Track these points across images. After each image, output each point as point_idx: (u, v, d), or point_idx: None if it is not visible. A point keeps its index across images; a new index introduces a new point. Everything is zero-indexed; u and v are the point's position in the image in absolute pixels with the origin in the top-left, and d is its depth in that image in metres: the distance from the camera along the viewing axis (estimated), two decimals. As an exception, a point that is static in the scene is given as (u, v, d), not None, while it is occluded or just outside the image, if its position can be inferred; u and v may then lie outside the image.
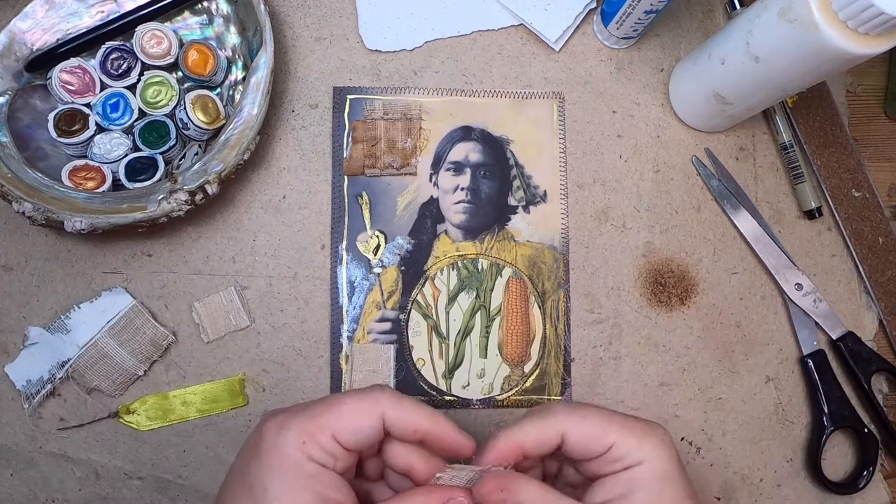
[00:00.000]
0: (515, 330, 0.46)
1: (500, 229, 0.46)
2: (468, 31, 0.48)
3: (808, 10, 0.33)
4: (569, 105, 0.48)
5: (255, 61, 0.42)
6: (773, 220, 0.49)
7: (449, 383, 0.45)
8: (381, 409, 0.30)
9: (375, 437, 0.31)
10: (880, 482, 0.47)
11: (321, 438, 0.29)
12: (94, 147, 0.42)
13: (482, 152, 0.47)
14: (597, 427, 0.31)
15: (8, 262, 0.43)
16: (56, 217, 0.39)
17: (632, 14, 0.44)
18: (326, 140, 0.46)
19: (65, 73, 0.42)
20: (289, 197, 0.45)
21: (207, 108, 0.43)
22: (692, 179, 0.49)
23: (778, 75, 0.39)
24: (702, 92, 0.45)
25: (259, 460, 0.29)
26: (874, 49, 0.33)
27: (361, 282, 0.45)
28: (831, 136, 0.50)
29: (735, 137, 0.49)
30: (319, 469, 0.29)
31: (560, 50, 0.49)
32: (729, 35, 0.41)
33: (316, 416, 0.30)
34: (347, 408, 0.30)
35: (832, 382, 0.47)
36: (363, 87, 0.47)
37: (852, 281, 0.49)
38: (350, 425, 0.30)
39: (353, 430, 0.30)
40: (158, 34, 0.43)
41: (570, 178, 0.48)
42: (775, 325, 0.48)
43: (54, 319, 0.43)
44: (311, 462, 0.29)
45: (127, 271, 0.44)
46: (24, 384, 0.42)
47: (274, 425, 0.30)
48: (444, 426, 0.31)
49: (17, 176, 0.39)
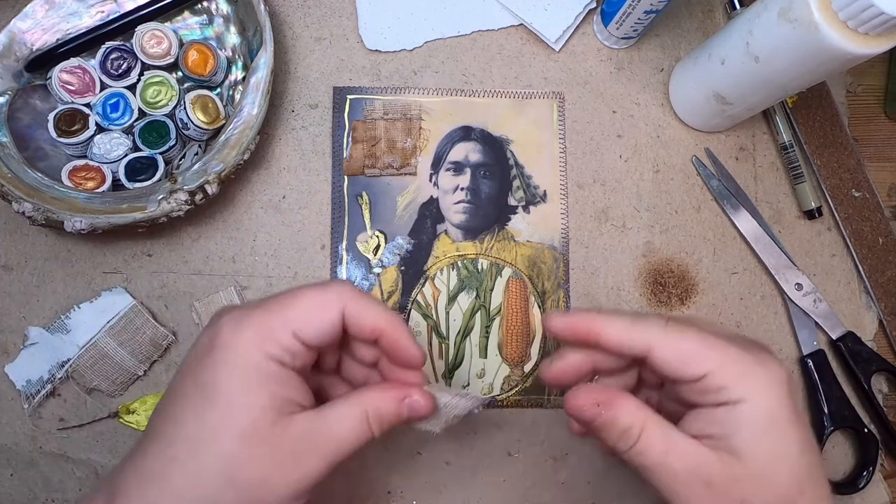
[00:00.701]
0: (515, 330, 0.46)
1: (500, 229, 0.46)
2: (468, 31, 0.48)
3: (808, 10, 0.33)
4: (569, 105, 0.48)
5: (255, 61, 0.42)
6: (773, 220, 0.49)
7: (449, 383, 0.45)
8: (342, 303, 0.29)
9: (335, 333, 0.29)
10: (880, 482, 0.47)
11: (280, 336, 0.28)
12: (94, 147, 0.42)
13: (482, 152, 0.47)
14: (692, 350, 0.28)
15: (8, 262, 0.43)
16: (56, 217, 0.39)
17: (632, 14, 0.44)
18: (326, 140, 0.46)
19: (65, 73, 0.42)
20: (289, 197, 0.45)
21: (207, 108, 0.43)
22: (692, 179, 0.49)
23: (778, 75, 0.39)
24: (702, 92, 0.45)
25: (213, 358, 0.27)
26: (874, 49, 0.33)
27: (361, 282, 0.45)
28: (831, 136, 0.50)
29: (735, 137, 0.49)
30: (277, 368, 0.27)
31: (560, 50, 0.49)
32: (729, 35, 0.41)
33: (275, 313, 0.28)
34: (307, 302, 0.29)
35: (832, 382, 0.47)
36: (363, 87, 0.47)
37: (852, 281, 0.49)
38: (310, 321, 0.28)
39: (314, 326, 0.28)
40: (158, 34, 0.43)
41: (570, 178, 0.48)
42: (775, 325, 0.48)
43: (54, 319, 0.43)
44: (270, 361, 0.27)
45: (127, 271, 0.44)
46: (24, 384, 0.42)
47: (230, 322, 0.28)
48: (402, 330, 0.30)
49: (17, 176, 0.39)
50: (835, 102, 0.50)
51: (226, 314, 0.29)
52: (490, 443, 0.45)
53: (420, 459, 0.44)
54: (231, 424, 0.27)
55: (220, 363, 0.27)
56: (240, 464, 0.26)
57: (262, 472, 0.27)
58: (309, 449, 0.28)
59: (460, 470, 0.44)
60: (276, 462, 0.27)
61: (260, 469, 0.27)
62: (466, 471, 0.44)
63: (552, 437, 0.45)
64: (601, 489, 0.45)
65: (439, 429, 0.32)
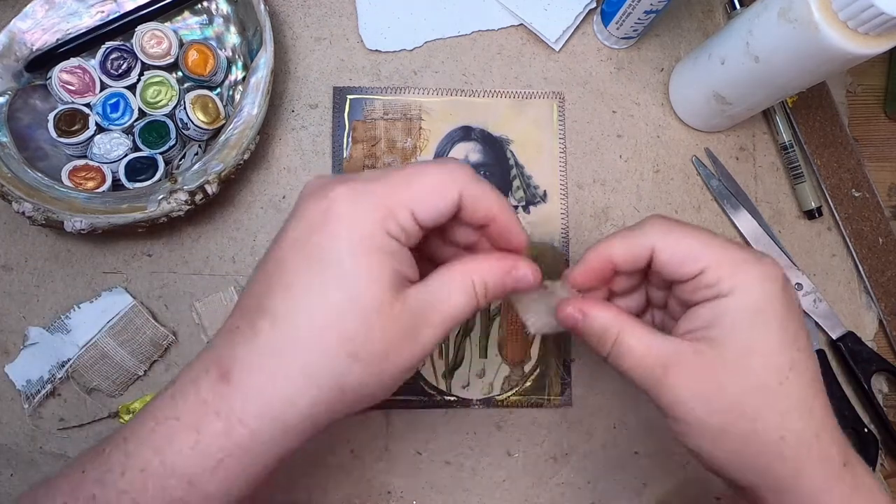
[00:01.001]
0: (515, 330, 0.46)
1: (500, 229, 0.46)
2: (468, 31, 0.48)
3: (808, 10, 0.33)
4: (569, 105, 0.48)
5: (255, 61, 0.42)
6: (773, 220, 0.49)
7: (449, 383, 0.45)
8: (460, 186, 0.28)
9: (449, 215, 0.28)
10: (880, 482, 0.47)
11: (399, 214, 0.27)
12: (94, 147, 0.42)
13: (482, 152, 0.47)
14: (690, 247, 0.29)
15: (8, 262, 0.43)
16: (56, 217, 0.39)
17: (632, 14, 0.44)
18: (326, 140, 0.46)
19: (65, 73, 0.42)
20: (289, 197, 0.45)
21: (207, 108, 0.43)
22: (692, 179, 0.49)
23: (778, 75, 0.39)
24: (702, 92, 0.45)
25: (329, 231, 0.26)
26: (874, 49, 0.33)
27: (361, 282, 0.45)
28: (831, 136, 0.50)
29: (735, 137, 0.49)
30: (395, 245, 0.27)
31: (560, 50, 0.49)
32: (729, 35, 0.41)
33: (396, 190, 0.27)
34: (428, 183, 0.28)
35: (832, 382, 0.47)
36: (363, 87, 0.47)
37: (852, 281, 0.49)
38: (428, 202, 0.27)
39: (432, 207, 0.28)
40: (158, 34, 0.44)
41: (570, 178, 0.48)
42: (775, 325, 0.48)
43: (54, 319, 0.43)
44: (388, 237, 0.27)
45: (127, 271, 0.44)
46: (24, 384, 0.42)
47: (348, 193, 0.27)
48: (512, 216, 0.30)
49: (17, 176, 0.39)
50: (835, 102, 0.50)
51: (337, 185, 0.27)
52: (490, 443, 0.45)
53: (420, 459, 0.44)
54: (353, 300, 0.26)
55: (338, 237, 0.26)
56: (362, 342, 0.26)
57: (384, 346, 0.27)
58: (424, 322, 0.28)
59: (460, 470, 0.44)
60: (397, 336, 0.27)
61: (383, 343, 0.27)
62: (466, 471, 0.44)
63: (552, 437, 0.45)
64: (601, 489, 0.45)
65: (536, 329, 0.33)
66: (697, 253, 0.29)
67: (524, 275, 0.30)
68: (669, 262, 0.30)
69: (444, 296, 0.28)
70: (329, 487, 0.43)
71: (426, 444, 0.44)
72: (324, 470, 0.43)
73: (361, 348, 0.26)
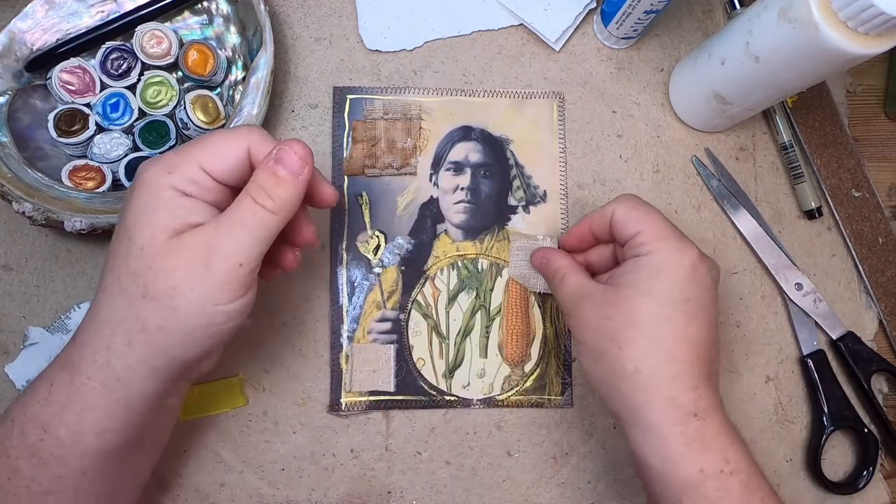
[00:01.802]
0: (515, 330, 0.46)
1: (500, 229, 0.46)
2: (468, 31, 0.48)
3: (808, 10, 0.33)
4: (569, 105, 0.48)
5: (255, 61, 0.42)
6: (773, 220, 0.49)
7: (449, 383, 0.45)
8: (247, 142, 0.32)
9: (241, 168, 0.32)
10: (880, 482, 0.47)
11: (186, 168, 0.31)
12: (94, 147, 0.42)
13: (482, 152, 0.47)
14: (635, 217, 0.37)
15: (8, 262, 0.43)
16: (56, 217, 0.39)
17: (632, 14, 0.44)
18: (326, 140, 0.46)
19: (65, 73, 0.42)
20: (289, 197, 0.45)
21: (207, 108, 0.43)
22: (692, 179, 0.49)
23: (778, 75, 0.39)
24: (702, 92, 0.45)
25: (132, 196, 0.31)
26: (874, 49, 0.33)
27: (361, 282, 0.45)
28: (831, 136, 0.50)
29: (735, 137, 0.49)
30: (177, 195, 0.30)
31: (560, 50, 0.49)
32: (729, 35, 0.41)
33: (184, 151, 0.31)
34: (214, 141, 0.32)
35: (832, 382, 0.47)
36: (363, 87, 0.47)
37: (852, 281, 0.49)
38: (216, 157, 0.31)
39: (220, 160, 0.31)
40: (158, 34, 0.44)
41: (570, 178, 0.48)
42: (775, 324, 0.48)
43: (54, 319, 0.43)
44: (171, 189, 0.30)
45: (127, 271, 0.44)
46: (24, 384, 0.42)
47: (147, 164, 0.31)
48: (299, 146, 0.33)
49: (17, 176, 0.39)
50: (835, 102, 0.50)
51: (152, 160, 0.32)
52: (490, 443, 0.45)
53: (420, 459, 0.44)
54: (135, 244, 0.30)
55: (134, 198, 0.31)
56: (146, 278, 0.30)
57: (167, 281, 0.30)
58: (209, 252, 0.30)
59: (460, 470, 0.44)
60: (178, 271, 0.30)
61: (164, 279, 0.30)
62: (466, 471, 0.44)
63: (552, 437, 0.45)
64: (601, 489, 0.45)
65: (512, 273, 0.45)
66: (637, 221, 0.37)
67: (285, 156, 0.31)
68: (616, 224, 0.38)
69: (233, 222, 0.31)
70: (329, 487, 0.43)
71: (426, 444, 0.44)
72: (324, 470, 0.43)
73: (146, 286, 0.30)
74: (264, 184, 0.31)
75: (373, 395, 0.44)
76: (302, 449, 0.43)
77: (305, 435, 0.44)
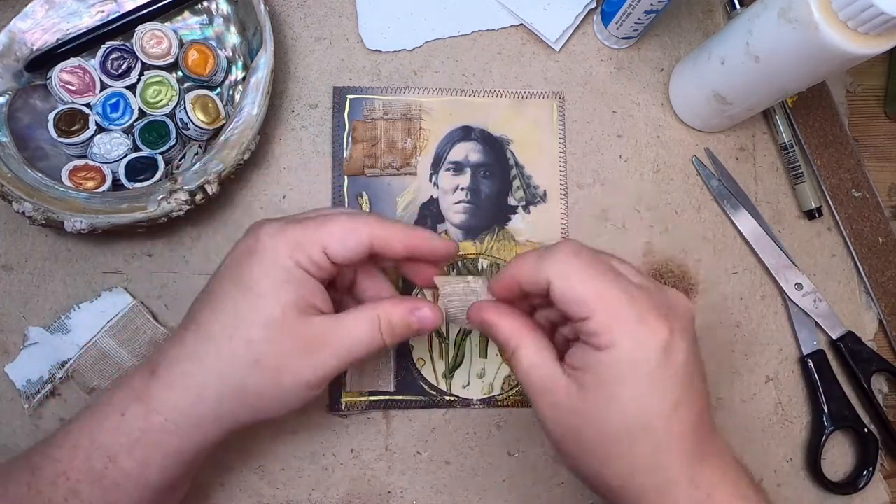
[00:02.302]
0: (515, 330, 0.46)
1: (500, 229, 0.46)
2: (468, 31, 0.48)
3: (808, 10, 0.33)
4: (569, 105, 0.48)
5: (255, 61, 0.42)
6: (773, 220, 0.49)
7: (449, 383, 0.45)
8: (369, 229, 0.33)
9: (361, 254, 0.33)
10: (880, 482, 0.47)
11: (311, 249, 0.32)
12: (94, 147, 0.42)
13: (482, 152, 0.47)
14: (581, 294, 0.30)
15: (8, 262, 0.43)
16: (56, 217, 0.39)
17: (632, 14, 0.44)
18: (326, 140, 0.46)
19: (65, 73, 0.42)
20: (289, 197, 0.45)
21: (207, 108, 0.43)
22: (692, 179, 0.49)
23: (778, 75, 0.39)
24: (702, 92, 0.45)
25: (251, 260, 0.32)
26: (874, 49, 0.33)
27: (361, 282, 0.45)
28: (831, 136, 0.50)
29: (735, 137, 0.49)
30: (304, 275, 0.32)
31: (560, 50, 0.49)
32: (729, 35, 0.41)
33: (311, 229, 0.32)
34: (339, 227, 0.33)
35: (832, 382, 0.47)
36: (363, 87, 0.47)
37: (852, 281, 0.49)
38: (339, 242, 0.32)
39: (342, 247, 0.32)
40: (158, 34, 0.44)
41: (570, 178, 0.48)
42: (775, 324, 0.48)
43: (54, 319, 0.43)
44: (298, 268, 0.32)
45: (127, 271, 0.44)
46: (24, 384, 0.42)
47: (271, 230, 0.32)
48: (430, 236, 0.35)
49: (17, 176, 0.39)
50: (835, 102, 0.50)
51: (266, 224, 0.33)
52: (490, 443, 0.45)
53: (420, 459, 0.44)
54: (260, 315, 0.31)
55: (256, 264, 0.32)
56: (264, 349, 0.31)
57: (281, 358, 0.32)
58: (323, 344, 0.32)
59: (460, 470, 0.44)
60: (294, 351, 0.32)
61: (280, 356, 0.32)
62: (466, 471, 0.44)
63: (552, 437, 0.45)
64: (601, 489, 0.45)
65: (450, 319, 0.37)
66: (583, 303, 0.29)
67: (425, 315, 0.34)
68: (560, 300, 0.30)
69: (350, 325, 0.33)
70: (329, 487, 0.43)
71: (426, 444, 0.44)
72: (324, 470, 0.43)
73: (262, 356, 0.31)
74: (396, 325, 0.33)
75: (373, 395, 0.44)
76: (302, 449, 0.43)
77: (305, 435, 0.44)
